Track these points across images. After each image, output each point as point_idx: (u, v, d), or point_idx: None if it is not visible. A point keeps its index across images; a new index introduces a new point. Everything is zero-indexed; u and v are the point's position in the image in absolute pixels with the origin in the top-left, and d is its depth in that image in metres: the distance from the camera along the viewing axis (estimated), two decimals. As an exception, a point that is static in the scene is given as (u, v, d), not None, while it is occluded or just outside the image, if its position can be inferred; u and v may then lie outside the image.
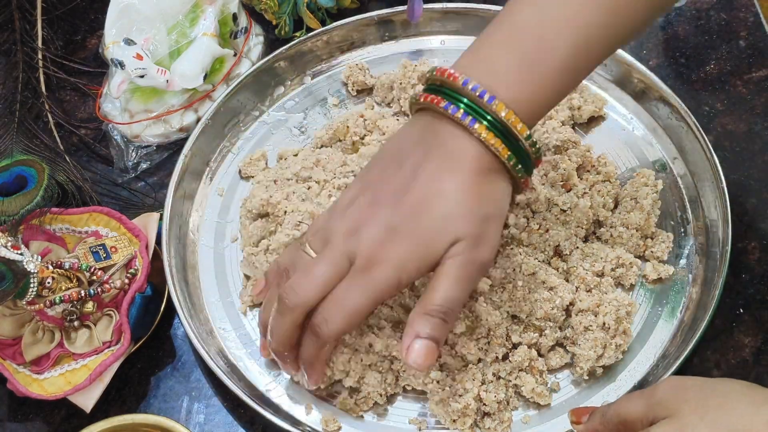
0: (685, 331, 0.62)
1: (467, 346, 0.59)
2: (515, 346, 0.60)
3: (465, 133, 0.51)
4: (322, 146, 0.73)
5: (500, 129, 0.51)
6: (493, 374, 0.59)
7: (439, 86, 0.53)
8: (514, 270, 0.62)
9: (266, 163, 0.72)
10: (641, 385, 0.60)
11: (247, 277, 0.67)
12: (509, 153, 0.52)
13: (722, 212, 0.64)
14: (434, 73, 0.53)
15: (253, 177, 0.71)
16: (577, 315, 0.61)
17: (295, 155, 0.72)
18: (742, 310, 0.64)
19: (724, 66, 0.76)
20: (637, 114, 0.72)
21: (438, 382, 0.59)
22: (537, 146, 0.53)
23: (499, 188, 0.53)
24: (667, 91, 0.70)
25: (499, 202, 0.53)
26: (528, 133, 0.52)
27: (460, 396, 0.58)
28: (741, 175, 0.70)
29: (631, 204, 0.66)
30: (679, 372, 0.59)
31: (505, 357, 0.60)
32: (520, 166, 0.53)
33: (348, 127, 0.72)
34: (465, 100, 0.51)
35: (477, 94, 0.51)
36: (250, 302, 0.65)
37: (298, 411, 0.61)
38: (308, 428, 0.59)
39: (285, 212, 0.67)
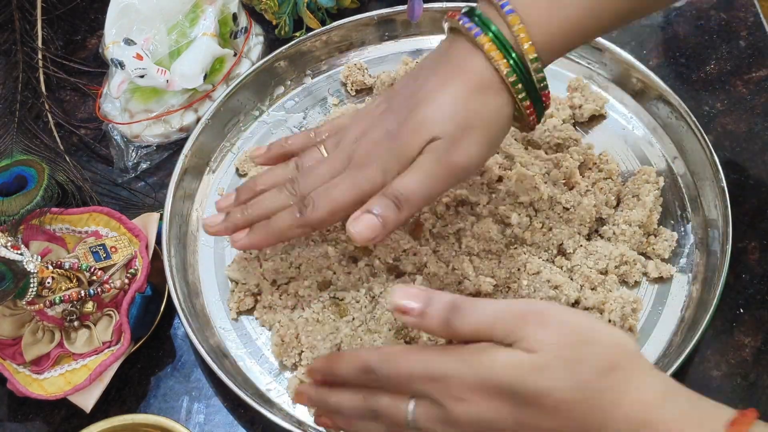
0: (685, 331, 0.62)
1: None
2: None
3: (473, 47, 0.53)
4: None
5: (505, 44, 0.53)
6: None
7: (473, 11, 0.55)
8: (519, 269, 0.62)
9: None
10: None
11: (235, 283, 0.67)
12: (509, 69, 0.53)
13: (722, 212, 0.64)
14: None
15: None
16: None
17: None
18: (742, 310, 0.64)
19: (724, 66, 0.76)
20: (637, 113, 0.72)
21: None
22: (543, 74, 0.54)
23: (494, 104, 0.54)
24: (667, 90, 0.70)
25: (488, 117, 0.54)
26: (535, 55, 0.53)
27: None
28: (741, 175, 0.70)
29: (634, 201, 0.66)
30: (680, 371, 0.59)
31: None
32: (521, 87, 0.53)
33: None
34: (478, 12, 0.54)
35: (497, 1, 0.53)
36: (237, 309, 0.65)
37: (298, 411, 0.61)
38: (309, 428, 0.59)
39: None
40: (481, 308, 0.46)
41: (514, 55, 0.52)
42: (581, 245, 0.64)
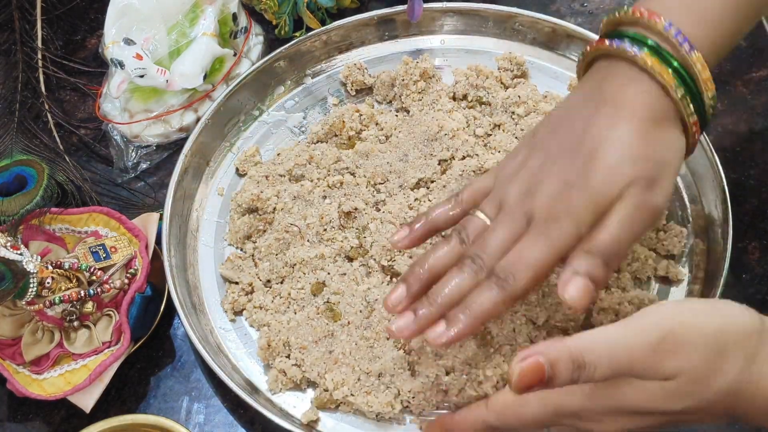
0: (685, 331, 0.62)
1: (483, 368, 0.58)
2: None
3: (635, 74, 0.50)
4: (318, 141, 0.72)
5: (665, 54, 0.50)
6: None
7: (615, 29, 0.52)
8: None
9: (261, 158, 0.72)
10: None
11: (230, 282, 0.66)
12: (675, 82, 0.50)
13: (722, 212, 0.64)
14: (617, 14, 0.53)
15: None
16: (598, 314, 0.61)
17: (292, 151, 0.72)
18: (742, 310, 0.64)
19: (724, 66, 0.76)
20: (637, 114, 0.72)
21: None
22: (714, 94, 0.51)
23: (674, 136, 0.51)
24: (667, 90, 0.70)
25: (673, 150, 0.51)
26: (708, 74, 0.50)
27: None
28: (741, 175, 0.70)
29: None
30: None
31: None
32: (692, 108, 0.51)
33: (344, 122, 0.71)
34: (630, 32, 0.51)
35: (668, 31, 0.50)
36: (232, 309, 0.65)
37: (297, 411, 0.61)
38: (308, 429, 0.59)
39: (274, 209, 0.67)
40: (610, 356, 0.44)
41: (675, 63, 0.50)
42: None
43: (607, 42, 0.52)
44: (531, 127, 0.69)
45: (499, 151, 0.68)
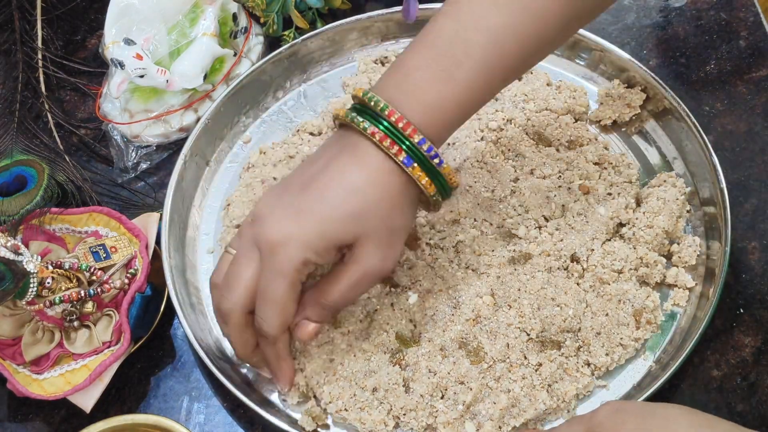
0: (685, 331, 0.62)
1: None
2: (541, 364, 0.60)
3: (365, 139, 0.53)
4: (309, 133, 0.72)
5: (417, 154, 0.53)
6: (523, 378, 0.59)
7: (361, 107, 0.54)
8: (519, 289, 0.62)
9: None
10: (638, 385, 0.60)
11: None
12: (405, 154, 0.53)
13: (722, 212, 0.64)
14: (355, 94, 0.55)
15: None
16: (591, 318, 0.61)
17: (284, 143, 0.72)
18: (742, 310, 0.64)
19: (724, 66, 0.76)
20: (636, 114, 0.72)
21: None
22: (434, 153, 0.53)
23: (409, 200, 0.55)
24: (666, 91, 0.70)
25: (407, 215, 0.55)
26: (421, 137, 0.53)
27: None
28: (741, 175, 0.70)
29: (659, 205, 0.65)
30: (680, 371, 0.59)
31: (539, 366, 0.60)
32: (433, 189, 0.54)
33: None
34: (384, 122, 0.53)
35: (393, 119, 0.53)
36: None
37: (296, 412, 0.61)
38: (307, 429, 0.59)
39: None
40: None
41: (407, 142, 0.53)
42: (593, 249, 0.64)
43: (363, 126, 0.53)
44: (541, 122, 0.70)
45: (509, 151, 0.68)
